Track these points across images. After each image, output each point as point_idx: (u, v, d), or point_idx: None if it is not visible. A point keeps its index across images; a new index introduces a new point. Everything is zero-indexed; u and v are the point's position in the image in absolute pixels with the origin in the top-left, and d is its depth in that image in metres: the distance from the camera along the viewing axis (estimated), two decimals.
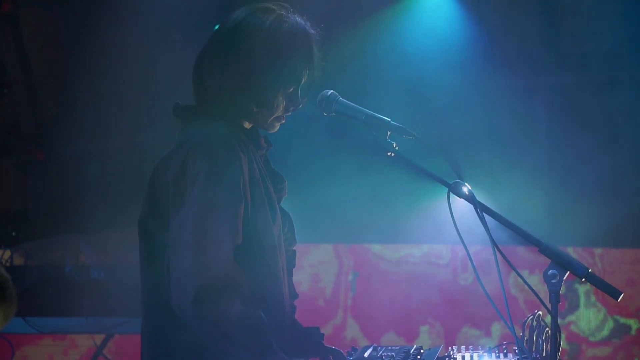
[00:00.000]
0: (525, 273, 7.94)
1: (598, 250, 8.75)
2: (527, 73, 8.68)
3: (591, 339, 8.63)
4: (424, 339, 8.70)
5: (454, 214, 3.07)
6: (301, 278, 8.34)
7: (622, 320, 8.51)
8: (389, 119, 3.15)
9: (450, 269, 8.76)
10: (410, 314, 8.74)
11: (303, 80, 3.23)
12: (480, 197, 3.05)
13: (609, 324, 8.50)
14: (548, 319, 3.09)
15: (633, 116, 8.56)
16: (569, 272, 2.87)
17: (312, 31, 3.26)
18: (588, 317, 8.49)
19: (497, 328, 8.82)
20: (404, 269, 8.82)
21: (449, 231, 3.02)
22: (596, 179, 8.64)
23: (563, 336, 3.06)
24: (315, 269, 8.65)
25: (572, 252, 8.75)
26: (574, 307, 8.44)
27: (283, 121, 3.28)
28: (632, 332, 8.57)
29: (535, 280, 7.59)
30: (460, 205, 3.07)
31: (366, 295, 8.77)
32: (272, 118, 3.23)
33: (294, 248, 3.32)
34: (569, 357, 8.50)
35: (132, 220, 3.87)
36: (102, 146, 8.60)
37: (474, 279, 8.52)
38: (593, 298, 8.43)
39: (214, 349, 2.93)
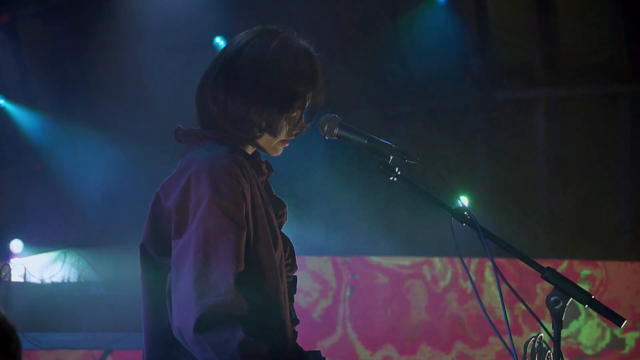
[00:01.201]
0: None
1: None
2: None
3: (589, 351, 8.63)
4: (424, 352, 8.69)
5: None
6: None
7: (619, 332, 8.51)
8: (392, 144, 3.14)
9: (449, 282, 8.76)
10: (410, 326, 8.73)
11: (307, 104, 3.22)
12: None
13: (608, 336, 8.50)
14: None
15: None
16: (572, 298, 2.86)
17: (316, 54, 3.25)
18: (588, 329, 8.49)
19: (494, 340, 8.82)
20: (401, 280, 8.83)
21: (449, 244, 3.00)
22: None
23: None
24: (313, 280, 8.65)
25: (569, 263, 8.76)
26: (573, 317, 8.44)
27: (287, 145, 3.27)
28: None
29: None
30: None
31: (364, 307, 8.77)
32: (275, 142, 3.22)
33: (295, 274, 3.31)
34: None
35: (132, 234, 3.86)
36: (102, 156, 8.60)
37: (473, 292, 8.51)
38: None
39: None
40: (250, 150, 3.24)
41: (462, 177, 8.73)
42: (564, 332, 8.43)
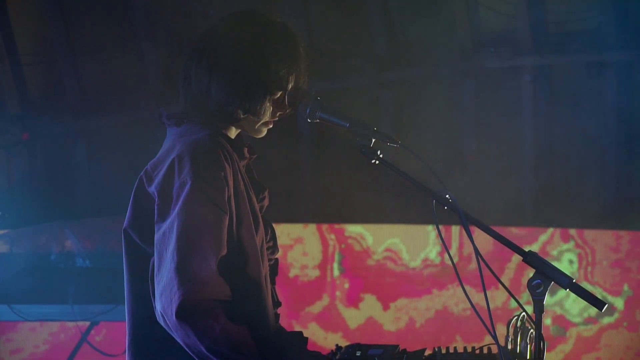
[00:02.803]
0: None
1: (585, 232, 8.78)
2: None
3: (576, 319, 8.66)
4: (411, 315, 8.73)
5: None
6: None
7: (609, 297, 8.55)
8: (374, 127, 3.14)
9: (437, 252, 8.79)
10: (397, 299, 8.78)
11: (290, 85, 3.22)
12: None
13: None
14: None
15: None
16: (553, 282, 2.87)
17: (298, 36, 3.25)
18: (573, 297, 8.52)
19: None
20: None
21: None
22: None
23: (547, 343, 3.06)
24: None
25: (556, 233, 8.78)
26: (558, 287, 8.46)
27: (270, 126, 3.27)
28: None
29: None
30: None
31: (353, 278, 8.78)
32: (259, 124, 3.23)
33: (276, 256, 3.32)
34: (555, 336, 8.55)
35: (118, 206, 3.87)
36: (87, 125, 8.56)
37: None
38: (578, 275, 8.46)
39: None
40: (233, 133, 3.24)
41: (449, 146, 8.72)
42: (549, 301, 8.50)
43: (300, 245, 8.52)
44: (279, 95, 3.20)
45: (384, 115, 8.65)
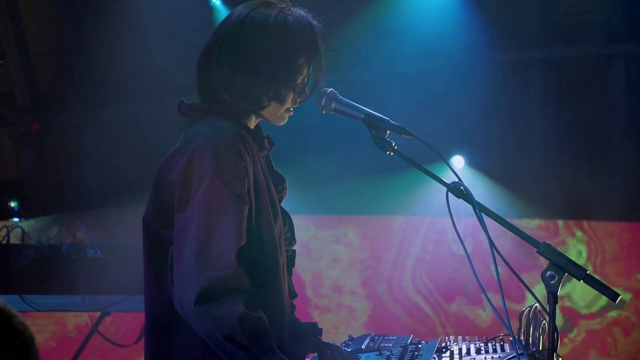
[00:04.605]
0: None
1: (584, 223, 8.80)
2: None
3: (585, 311, 8.68)
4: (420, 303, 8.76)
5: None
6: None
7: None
8: (388, 118, 3.15)
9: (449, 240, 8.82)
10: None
11: (310, 71, 3.24)
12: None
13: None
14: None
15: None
16: (567, 273, 2.87)
17: (315, 22, 3.27)
18: (582, 288, 8.53)
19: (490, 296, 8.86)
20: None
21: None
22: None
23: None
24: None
25: (564, 224, 8.80)
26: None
27: (291, 113, 3.29)
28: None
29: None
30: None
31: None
32: (282, 111, 3.25)
33: (294, 247, 3.34)
34: (563, 329, 8.56)
35: (128, 197, 3.90)
36: (97, 117, 8.59)
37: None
38: (590, 269, 8.47)
39: (215, 350, 2.95)
40: (253, 124, 3.26)
41: (458, 137, 8.74)
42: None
43: None
44: (300, 80, 3.22)
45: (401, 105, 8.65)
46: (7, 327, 1.90)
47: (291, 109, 3.27)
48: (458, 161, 8.78)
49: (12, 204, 7.74)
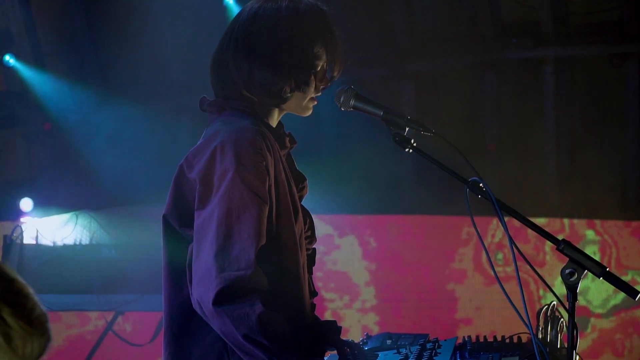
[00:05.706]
0: None
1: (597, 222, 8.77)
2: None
3: (598, 310, 8.66)
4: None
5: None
6: None
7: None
8: (408, 116, 3.14)
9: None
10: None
11: (329, 55, 3.24)
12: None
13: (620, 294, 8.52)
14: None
15: None
16: (586, 270, 2.87)
17: (326, 8, 3.28)
18: (596, 287, 8.51)
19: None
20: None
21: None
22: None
23: None
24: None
25: (578, 223, 8.78)
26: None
27: (315, 102, 3.29)
28: None
29: None
30: None
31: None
32: (306, 100, 3.24)
33: (314, 246, 3.33)
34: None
35: (141, 195, 3.90)
36: (110, 115, 8.59)
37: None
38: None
39: (234, 349, 2.94)
40: (274, 121, 3.26)
41: (471, 136, 8.73)
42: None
43: None
44: (319, 66, 3.22)
45: (404, 107, 8.66)
46: (26, 297, 1.92)
47: (315, 98, 3.27)
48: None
49: (26, 204, 7.74)
